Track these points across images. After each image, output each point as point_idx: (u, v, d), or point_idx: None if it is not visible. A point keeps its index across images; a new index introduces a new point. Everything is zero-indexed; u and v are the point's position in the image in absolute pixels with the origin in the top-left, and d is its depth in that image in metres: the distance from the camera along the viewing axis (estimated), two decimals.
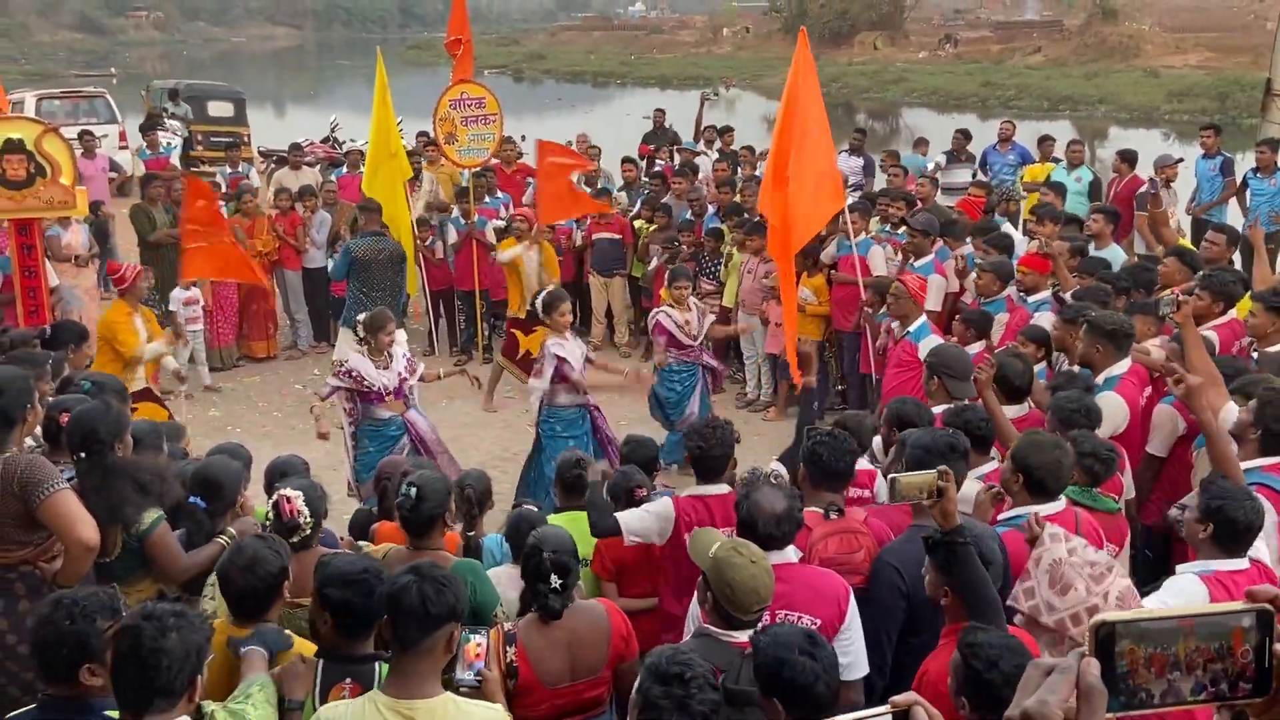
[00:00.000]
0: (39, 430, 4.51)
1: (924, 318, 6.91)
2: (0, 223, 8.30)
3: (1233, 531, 3.59)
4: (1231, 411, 4.59)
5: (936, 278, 7.89)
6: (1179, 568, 3.80)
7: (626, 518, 4.23)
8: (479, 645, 3.06)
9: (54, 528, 3.63)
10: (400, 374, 6.88)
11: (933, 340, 6.48)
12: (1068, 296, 6.38)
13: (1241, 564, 3.62)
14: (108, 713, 2.65)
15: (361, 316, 7.21)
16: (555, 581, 3.26)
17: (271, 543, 3.32)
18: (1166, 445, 5.12)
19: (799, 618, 3.26)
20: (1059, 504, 3.85)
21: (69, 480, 3.80)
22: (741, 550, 3.11)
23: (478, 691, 3.04)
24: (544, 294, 7.58)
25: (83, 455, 3.95)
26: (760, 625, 3.00)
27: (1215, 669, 0.91)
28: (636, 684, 2.62)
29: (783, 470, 4.56)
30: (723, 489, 4.36)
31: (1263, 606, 0.92)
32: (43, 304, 7.99)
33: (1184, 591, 3.60)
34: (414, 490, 3.85)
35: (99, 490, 3.82)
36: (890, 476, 3.57)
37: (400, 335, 8.94)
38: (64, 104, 20.56)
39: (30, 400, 3.97)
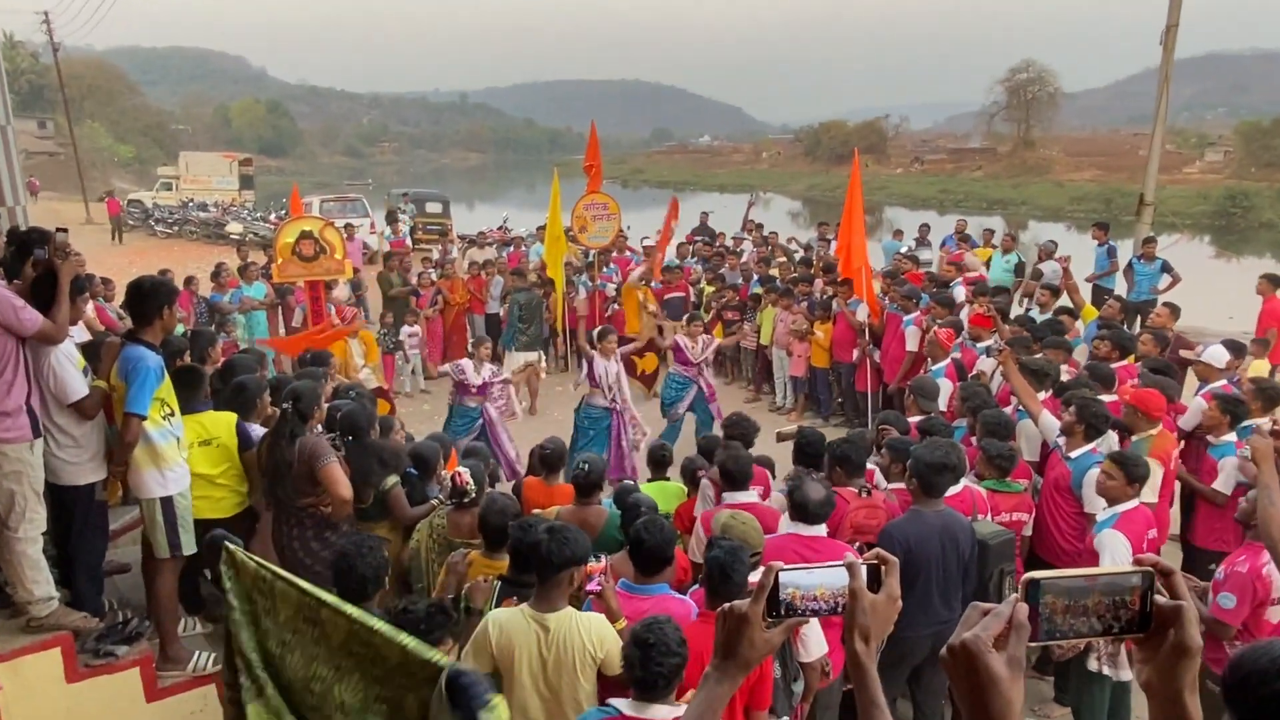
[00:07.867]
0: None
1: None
2: (297, 282, 9.38)
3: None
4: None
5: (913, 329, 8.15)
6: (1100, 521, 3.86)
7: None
8: (598, 563, 3.13)
9: (325, 486, 3.91)
10: (485, 379, 7.33)
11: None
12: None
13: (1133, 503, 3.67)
14: None
15: (479, 335, 7.82)
16: None
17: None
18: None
19: None
20: None
21: (340, 454, 3.95)
22: (738, 516, 3.37)
23: (599, 600, 3.11)
24: (598, 329, 7.88)
25: (350, 439, 4.21)
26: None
27: (1111, 615, 0.97)
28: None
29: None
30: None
31: (1147, 569, 0.97)
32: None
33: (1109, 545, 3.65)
34: (586, 466, 4.22)
35: (358, 463, 4.07)
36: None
37: (533, 356, 9.61)
38: (336, 204, 23.84)
39: (318, 402, 4.24)
